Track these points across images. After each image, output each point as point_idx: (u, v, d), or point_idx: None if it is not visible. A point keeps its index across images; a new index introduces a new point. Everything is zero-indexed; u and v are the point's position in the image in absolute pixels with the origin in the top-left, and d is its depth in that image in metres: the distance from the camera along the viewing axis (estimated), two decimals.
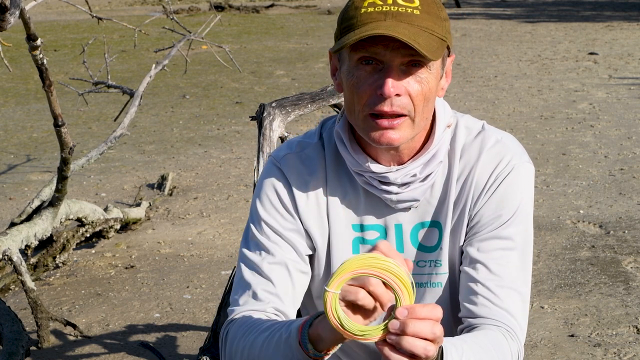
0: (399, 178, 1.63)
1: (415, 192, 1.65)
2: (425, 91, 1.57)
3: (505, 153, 1.67)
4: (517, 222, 1.65)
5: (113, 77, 6.50)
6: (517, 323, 1.62)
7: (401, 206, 1.66)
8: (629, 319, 3.81)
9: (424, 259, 1.68)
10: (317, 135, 1.74)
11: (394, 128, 1.57)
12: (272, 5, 19.50)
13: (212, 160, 6.89)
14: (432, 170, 1.65)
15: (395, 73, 1.54)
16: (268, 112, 3.08)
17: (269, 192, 1.71)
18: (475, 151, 1.67)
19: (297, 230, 1.69)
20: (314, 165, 1.71)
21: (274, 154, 1.75)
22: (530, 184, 1.68)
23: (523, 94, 9.25)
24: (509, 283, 1.62)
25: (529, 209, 1.67)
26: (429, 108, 1.61)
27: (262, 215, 1.70)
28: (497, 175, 1.65)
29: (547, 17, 16.91)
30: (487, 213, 1.65)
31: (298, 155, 1.72)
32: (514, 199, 1.65)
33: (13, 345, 3.31)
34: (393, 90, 1.53)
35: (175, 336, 3.87)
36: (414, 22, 1.53)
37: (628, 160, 6.43)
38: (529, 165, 1.69)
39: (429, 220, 1.68)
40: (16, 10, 2.83)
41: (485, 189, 1.65)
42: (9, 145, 7.53)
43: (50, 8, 18.45)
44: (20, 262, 3.85)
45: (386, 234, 1.68)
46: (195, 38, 5.25)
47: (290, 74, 10.96)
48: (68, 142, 3.88)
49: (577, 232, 4.95)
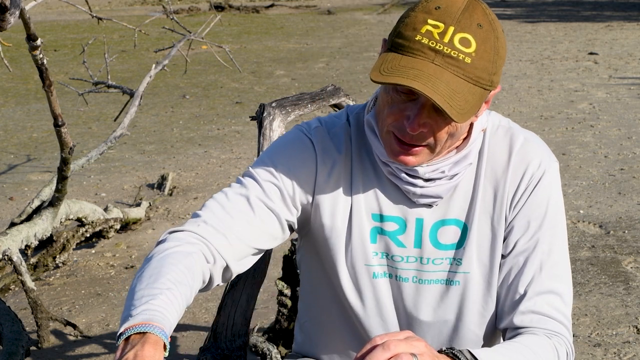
0: (427, 173, 1.63)
1: (439, 189, 1.65)
2: (452, 131, 1.57)
3: (533, 155, 1.67)
4: (552, 223, 1.66)
5: (113, 77, 6.50)
6: (561, 325, 1.63)
7: (423, 201, 1.66)
8: (629, 319, 3.82)
9: (441, 256, 1.68)
10: (345, 117, 1.74)
11: (410, 153, 1.58)
12: (272, 5, 19.50)
13: (212, 160, 6.89)
14: (460, 171, 1.65)
15: (427, 111, 1.53)
16: (268, 112, 3.08)
17: (290, 153, 1.69)
18: (504, 152, 1.68)
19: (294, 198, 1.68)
20: (341, 144, 1.70)
21: (304, 124, 1.73)
22: (559, 182, 1.70)
23: (523, 94, 9.25)
24: (548, 287, 1.63)
25: (561, 206, 1.69)
26: (456, 138, 1.61)
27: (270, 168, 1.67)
28: (529, 180, 1.66)
29: (547, 17, 16.91)
30: (523, 219, 1.66)
31: (327, 131, 1.71)
32: (547, 202, 1.66)
33: (13, 345, 3.31)
34: (418, 128, 1.53)
35: (175, 336, 3.87)
36: (460, 72, 1.49)
37: (628, 160, 6.43)
38: (556, 164, 1.70)
39: (453, 218, 1.67)
40: (16, 10, 2.83)
41: (518, 193, 1.66)
42: (9, 145, 7.53)
43: (50, 8, 18.45)
44: (20, 262, 3.85)
45: (405, 227, 1.67)
46: (195, 38, 5.25)
47: (290, 74, 10.96)
48: (68, 142, 3.88)
49: (577, 232, 4.95)
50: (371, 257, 1.68)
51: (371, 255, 1.68)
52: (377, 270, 1.69)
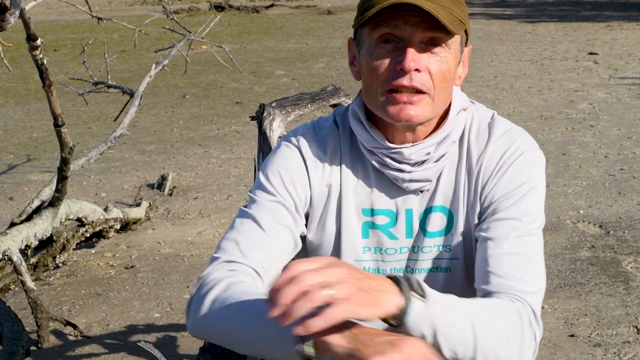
0: (413, 154, 1.63)
1: (428, 172, 1.65)
2: (444, 71, 1.57)
3: (513, 141, 1.67)
4: (528, 202, 1.63)
5: (113, 77, 6.50)
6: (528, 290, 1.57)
7: (413, 187, 1.66)
8: (629, 319, 3.81)
9: (431, 244, 1.68)
10: (332, 119, 1.75)
11: (413, 103, 1.57)
12: (272, 5, 19.50)
13: (212, 160, 6.89)
14: (446, 151, 1.65)
15: (416, 49, 1.55)
16: (268, 112, 3.08)
17: (282, 167, 1.70)
18: (484, 139, 1.68)
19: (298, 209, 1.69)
20: (329, 146, 1.71)
21: (290, 134, 1.74)
22: (539, 169, 1.67)
23: (523, 94, 9.25)
24: (520, 260, 1.59)
25: (539, 194, 1.65)
26: (448, 90, 1.61)
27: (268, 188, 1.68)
28: (505, 160, 1.65)
29: (547, 17, 16.91)
30: (496, 195, 1.64)
31: (314, 136, 1.72)
32: (523, 181, 1.64)
33: (13, 345, 3.31)
34: (413, 65, 1.54)
35: (175, 336, 3.87)
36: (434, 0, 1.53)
37: (628, 160, 6.43)
38: (539, 153, 1.68)
39: (439, 205, 1.67)
40: (16, 10, 2.83)
41: (493, 173, 1.65)
42: (9, 145, 7.53)
43: (50, 8, 18.46)
44: (20, 262, 3.85)
45: (397, 219, 1.68)
46: (195, 38, 5.25)
47: (290, 74, 10.96)
48: (68, 142, 3.88)
49: (577, 232, 4.95)
50: (361, 253, 1.69)
51: (361, 251, 1.69)
52: (368, 266, 1.70)
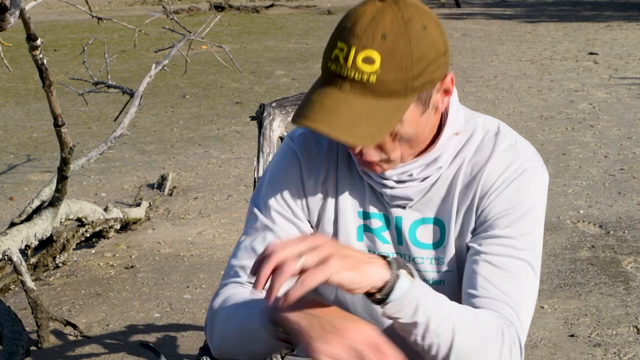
0: (394, 175, 1.62)
1: (409, 191, 1.63)
2: (407, 137, 1.54)
3: (516, 157, 1.62)
4: (524, 224, 1.59)
5: (113, 77, 6.50)
6: (516, 315, 1.55)
7: (395, 202, 1.65)
8: (629, 319, 3.82)
9: (422, 255, 1.67)
10: None
11: (377, 165, 1.59)
12: (272, 5, 19.50)
13: (212, 160, 6.89)
14: (431, 174, 1.63)
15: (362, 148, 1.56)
16: (268, 112, 3.08)
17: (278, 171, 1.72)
18: (486, 153, 1.63)
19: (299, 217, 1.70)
20: (326, 146, 1.71)
21: (290, 134, 1.75)
22: (541, 189, 1.62)
23: (523, 94, 9.25)
24: (511, 279, 1.56)
25: (539, 214, 1.61)
26: (414, 141, 1.57)
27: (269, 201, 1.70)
28: (506, 177, 1.60)
29: (547, 17, 16.91)
30: (493, 213, 1.60)
31: (313, 136, 1.72)
32: (523, 201, 1.59)
33: (13, 345, 3.31)
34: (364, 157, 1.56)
35: (175, 336, 3.87)
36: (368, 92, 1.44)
37: (628, 160, 6.43)
38: (542, 170, 1.63)
39: (432, 217, 1.65)
40: (16, 10, 2.83)
41: (492, 189, 1.60)
42: (9, 145, 7.53)
43: (50, 8, 18.45)
44: (20, 262, 3.85)
45: (388, 224, 1.67)
46: (195, 38, 5.25)
47: (290, 74, 10.97)
48: (68, 142, 3.88)
49: (577, 232, 4.95)
50: None
51: None
52: None
